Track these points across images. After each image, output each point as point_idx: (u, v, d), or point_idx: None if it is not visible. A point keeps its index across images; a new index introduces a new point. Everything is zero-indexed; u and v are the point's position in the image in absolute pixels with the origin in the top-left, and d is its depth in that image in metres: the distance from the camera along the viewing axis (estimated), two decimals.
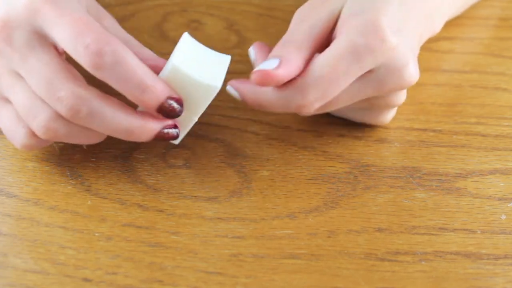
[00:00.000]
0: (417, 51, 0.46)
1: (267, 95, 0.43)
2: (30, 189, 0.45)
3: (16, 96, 0.42)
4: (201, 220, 0.44)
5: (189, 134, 0.48)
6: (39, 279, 0.40)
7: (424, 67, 0.54)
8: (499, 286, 0.41)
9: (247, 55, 0.47)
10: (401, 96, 0.46)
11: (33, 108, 0.42)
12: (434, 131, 0.49)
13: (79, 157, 0.47)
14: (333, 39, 0.44)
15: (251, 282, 0.41)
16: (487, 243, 0.43)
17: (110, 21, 0.47)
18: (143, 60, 0.43)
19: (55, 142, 0.47)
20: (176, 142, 0.45)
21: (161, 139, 0.43)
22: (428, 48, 0.56)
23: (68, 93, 0.40)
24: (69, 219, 0.44)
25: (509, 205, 0.45)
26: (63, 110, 0.41)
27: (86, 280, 0.40)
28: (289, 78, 0.42)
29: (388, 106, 0.47)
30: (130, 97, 0.41)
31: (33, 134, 0.43)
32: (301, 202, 0.45)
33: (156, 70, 0.43)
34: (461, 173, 0.47)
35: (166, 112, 0.42)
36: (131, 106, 0.43)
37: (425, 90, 0.53)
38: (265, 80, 0.42)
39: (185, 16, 0.59)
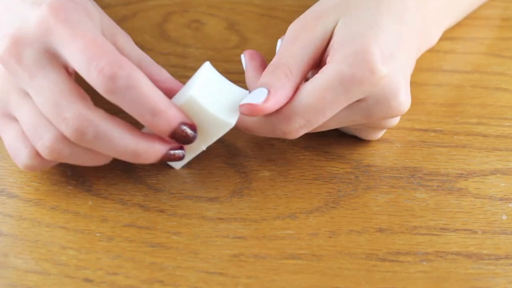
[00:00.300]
0: (410, 71, 0.45)
1: (253, 119, 0.43)
2: (31, 189, 0.45)
3: (22, 115, 0.42)
4: (202, 220, 0.44)
5: None
6: (40, 280, 0.40)
7: (425, 67, 0.54)
8: (500, 287, 0.41)
9: None
10: (394, 121, 0.46)
11: (39, 128, 0.41)
12: (435, 131, 0.49)
13: None
14: (323, 63, 0.43)
15: (252, 283, 0.41)
16: (488, 243, 0.43)
17: (124, 38, 0.45)
18: (158, 81, 0.43)
19: None
20: (178, 166, 0.46)
21: (167, 160, 0.43)
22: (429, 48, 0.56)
23: (74, 114, 0.40)
24: (70, 219, 0.44)
25: (510, 205, 0.45)
26: (68, 132, 0.40)
27: (87, 280, 0.40)
28: (277, 108, 0.42)
29: (380, 128, 0.47)
30: (142, 121, 0.41)
31: (37, 155, 0.42)
32: (302, 203, 0.45)
33: (171, 93, 0.44)
34: (462, 173, 0.47)
35: (180, 137, 0.41)
36: (136, 126, 0.42)
37: (426, 90, 0.53)
38: (253, 113, 0.42)
39: (186, 16, 0.59)
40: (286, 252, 0.42)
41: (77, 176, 0.46)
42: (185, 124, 0.41)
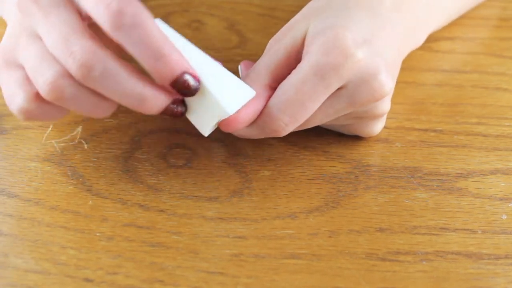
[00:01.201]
0: (392, 60, 0.45)
1: (246, 127, 0.43)
2: (31, 189, 0.45)
3: (29, 56, 0.41)
4: (202, 220, 0.44)
5: (190, 134, 0.48)
6: (40, 279, 0.40)
7: (424, 67, 0.54)
8: (500, 286, 0.41)
9: (248, 55, 0.47)
10: (383, 106, 0.45)
11: (43, 65, 0.40)
12: (435, 131, 0.49)
13: (80, 157, 0.47)
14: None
15: (252, 282, 0.41)
16: (488, 243, 0.43)
17: None
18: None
19: (56, 142, 0.48)
20: (207, 132, 0.43)
21: (169, 113, 0.42)
22: (429, 48, 0.56)
23: (82, 48, 0.39)
24: (70, 219, 0.44)
25: (510, 205, 0.45)
26: (75, 66, 0.39)
27: (87, 280, 0.40)
28: (255, 113, 0.42)
29: (372, 118, 0.46)
30: (144, 65, 0.40)
31: (34, 98, 0.41)
32: (302, 202, 0.45)
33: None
34: (462, 173, 0.47)
35: (181, 87, 0.40)
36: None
37: (426, 90, 0.53)
38: (233, 127, 0.42)
39: (186, 16, 0.59)
40: (286, 251, 0.42)
41: (77, 176, 0.46)
42: (188, 73, 0.40)
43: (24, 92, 0.41)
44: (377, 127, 0.48)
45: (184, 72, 0.40)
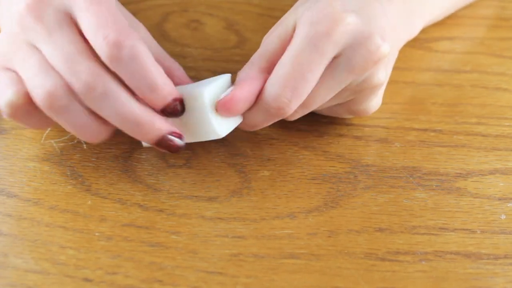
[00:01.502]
0: (389, 29, 0.44)
1: (251, 114, 0.44)
2: (30, 189, 0.45)
3: (28, 66, 0.42)
4: (202, 220, 0.44)
5: None
6: (39, 279, 0.40)
7: (424, 67, 0.54)
8: (499, 286, 0.41)
9: (247, 55, 0.47)
10: (379, 75, 0.45)
11: (44, 75, 0.41)
12: (434, 131, 0.49)
13: (79, 157, 0.47)
14: None
15: (252, 282, 0.41)
16: (487, 243, 0.43)
17: (142, 30, 0.47)
18: (173, 77, 0.45)
19: (56, 142, 0.48)
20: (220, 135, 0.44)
21: (164, 145, 0.42)
22: (428, 48, 0.56)
23: (87, 69, 0.40)
24: (70, 219, 0.44)
25: (509, 205, 0.45)
26: (77, 83, 0.40)
27: (86, 280, 0.40)
28: (250, 93, 0.43)
29: (370, 89, 0.45)
30: (139, 94, 0.41)
31: (23, 96, 0.41)
32: (301, 202, 0.45)
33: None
34: (461, 173, 0.47)
35: (169, 112, 0.42)
36: None
37: (426, 90, 0.53)
38: (231, 108, 0.43)
39: (185, 16, 0.59)
40: (285, 251, 0.42)
41: (76, 175, 0.46)
42: (177, 100, 0.42)
43: (15, 87, 0.42)
44: (374, 102, 0.47)
45: (174, 99, 0.42)
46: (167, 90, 0.41)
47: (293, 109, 0.43)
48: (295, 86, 0.42)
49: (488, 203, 0.45)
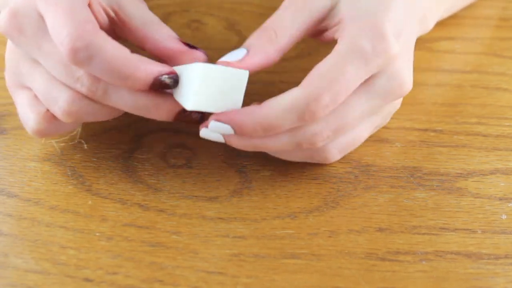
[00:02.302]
0: (412, 53, 0.45)
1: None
2: (31, 189, 0.45)
3: (35, 82, 0.42)
4: (202, 220, 0.44)
5: (190, 134, 0.48)
6: (40, 279, 0.40)
7: (424, 67, 0.54)
8: (500, 286, 0.41)
9: None
10: (397, 105, 0.46)
11: (53, 92, 0.42)
12: (435, 131, 0.49)
13: (80, 157, 0.47)
14: (325, 37, 0.44)
15: (252, 282, 0.41)
16: (487, 243, 0.43)
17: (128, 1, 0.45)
18: (157, 41, 0.43)
19: (56, 142, 0.48)
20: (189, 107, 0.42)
21: (186, 120, 0.43)
22: (429, 48, 0.56)
23: (87, 72, 0.40)
24: (70, 219, 0.44)
25: (510, 205, 0.45)
26: (84, 89, 0.41)
27: (87, 280, 0.40)
28: (255, 69, 0.42)
29: (385, 118, 0.46)
30: (116, 84, 0.41)
31: (43, 119, 0.43)
32: (302, 202, 0.45)
33: (172, 53, 0.43)
34: (461, 173, 0.47)
35: (161, 87, 0.41)
36: None
37: (426, 90, 0.53)
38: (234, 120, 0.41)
39: (186, 16, 0.59)
40: (286, 251, 0.42)
41: (77, 175, 0.46)
42: (161, 74, 0.41)
43: (34, 114, 0.43)
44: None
45: (158, 76, 0.40)
46: (142, 73, 0.40)
47: (324, 114, 0.41)
48: (337, 91, 0.40)
49: (489, 203, 0.45)
